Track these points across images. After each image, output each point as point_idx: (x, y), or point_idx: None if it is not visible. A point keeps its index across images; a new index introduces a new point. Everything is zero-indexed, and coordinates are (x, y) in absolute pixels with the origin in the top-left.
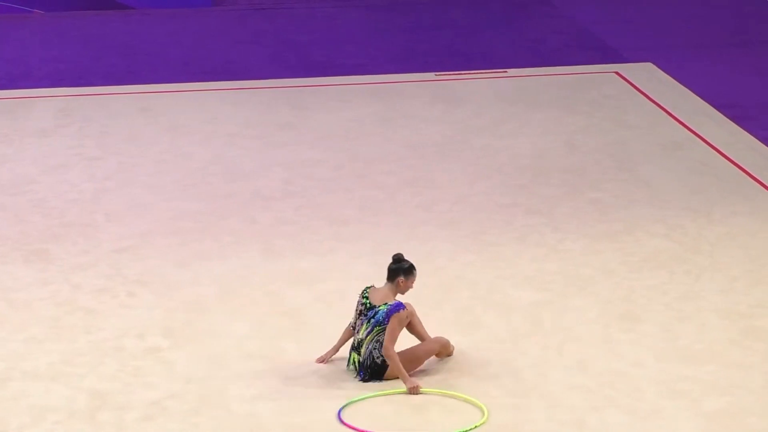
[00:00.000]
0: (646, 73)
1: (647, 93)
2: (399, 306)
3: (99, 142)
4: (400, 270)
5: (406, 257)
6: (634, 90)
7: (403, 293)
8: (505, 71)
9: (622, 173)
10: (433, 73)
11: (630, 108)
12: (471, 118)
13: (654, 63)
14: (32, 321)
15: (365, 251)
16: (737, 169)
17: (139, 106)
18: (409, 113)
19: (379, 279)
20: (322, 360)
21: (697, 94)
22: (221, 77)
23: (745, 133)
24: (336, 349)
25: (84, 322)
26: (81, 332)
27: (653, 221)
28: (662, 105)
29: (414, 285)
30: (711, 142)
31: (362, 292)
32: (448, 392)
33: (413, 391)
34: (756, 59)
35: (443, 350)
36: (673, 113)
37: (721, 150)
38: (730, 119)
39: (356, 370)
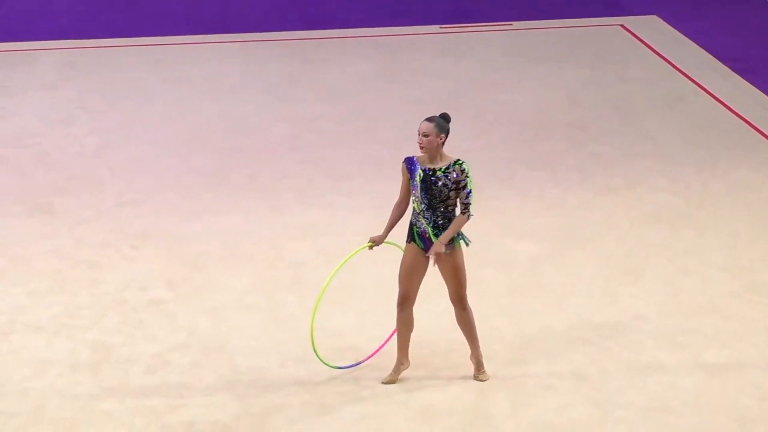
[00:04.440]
0: (651, 26)
1: (652, 46)
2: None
3: (103, 96)
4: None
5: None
6: (639, 43)
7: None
8: (510, 24)
9: (625, 127)
10: (438, 26)
11: (634, 61)
12: (474, 72)
13: (659, 16)
14: (35, 274)
15: (367, 206)
16: (742, 122)
17: (144, 59)
18: (413, 67)
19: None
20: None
21: (703, 48)
22: (225, 30)
23: (751, 86)
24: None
25: (87, 276)
26: (84, 285)
27: (656, 175)
28: (667, 58)
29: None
30: (716, 96)
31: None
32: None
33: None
34: (762, 12)
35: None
36: (678, 66)
37: (726, 103)
38: (736, 72)
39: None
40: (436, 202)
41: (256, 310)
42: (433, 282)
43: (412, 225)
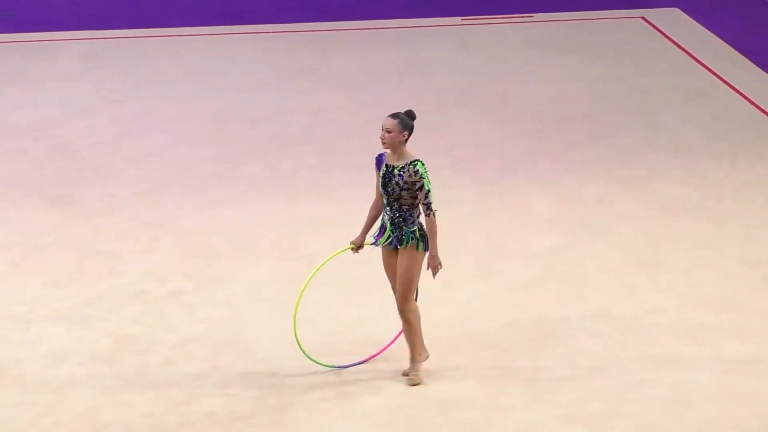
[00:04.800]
0: (672, 19)
1: (673, 38)
2: None
3: (121, 87)
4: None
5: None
6: (660, 35)
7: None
8: (531, 16)
9: (645, 120)
10: (458, 18)
11: (655, 54)
12: (494, 63)
13: (680, 8)
14: (54, 265)
15: None
16: (762, 115)
17: (161, 50)
18: (432, 59)
19: None
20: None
21: (724, 40)
22: (243, 21)
23: None
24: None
25: (105, 266)
26: (103, 276)
27: (675, 168)
28: (688, 50)
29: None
30: (736, 88)
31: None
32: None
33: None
34: None
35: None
36: (698, 59)
37: (746, 96)
38: (757, 65)
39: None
40: (392, 199)
41: (272, 303)
42: (451, 275)
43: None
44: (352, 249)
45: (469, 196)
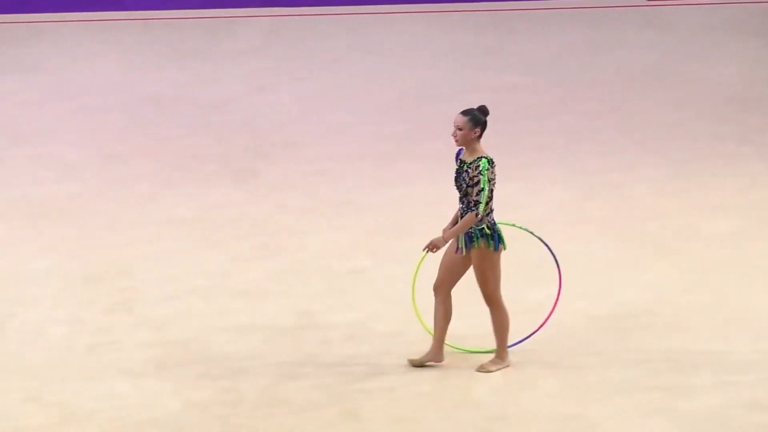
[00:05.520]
0: None
1: None
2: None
3: (303, 64)
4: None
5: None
6: None
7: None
8: None
9: None
10: None
11: None
12: (679, 44)
13: None
14: (237, 240)
15: (563, 177)
16: None
17: (343, 28)
18: (617, 39)
19: (576, 205)
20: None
21: None
22: (425, 0)
23: None
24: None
25: (289, 242)
26: (287, 251)
27: None
28: None
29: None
30: None
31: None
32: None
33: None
34: None
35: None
36: None
37: None
38: None
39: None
40: (461, 194)
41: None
42: (634, 256)
43: None
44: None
45: (653, 178)
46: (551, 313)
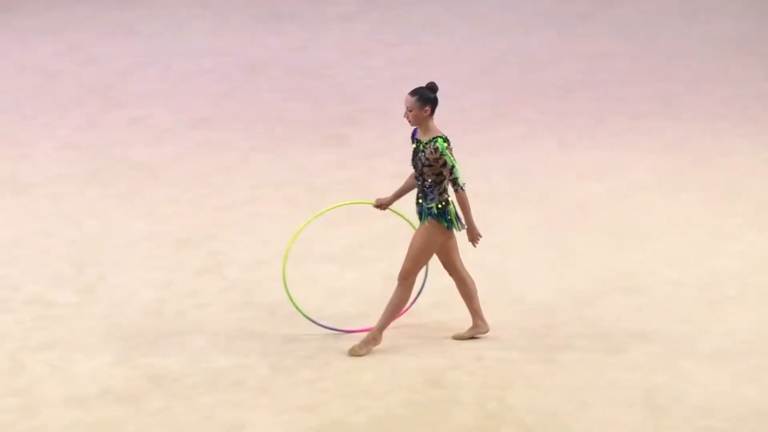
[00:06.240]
0: None
1: None
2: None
3: (397, 29)
4: None
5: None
6: None
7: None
8: None
9: None
10: None
11: None
12: None
13: None
14: (330, 204)
15: (661, 146)
16: None
17: None
18: (710, 5)
19: (674, 173)
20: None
21: None
22: None
23: None
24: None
25: None
26: (377, 217)
27: None
28: None
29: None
30: None
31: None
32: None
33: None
34: None
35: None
36: None
37: None
38: None
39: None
40: (417, 173)
41: (543, 248)
42: (727, 225)
43: None
44: (376, 206)
45: (745, 147)
46: (401, 314)
